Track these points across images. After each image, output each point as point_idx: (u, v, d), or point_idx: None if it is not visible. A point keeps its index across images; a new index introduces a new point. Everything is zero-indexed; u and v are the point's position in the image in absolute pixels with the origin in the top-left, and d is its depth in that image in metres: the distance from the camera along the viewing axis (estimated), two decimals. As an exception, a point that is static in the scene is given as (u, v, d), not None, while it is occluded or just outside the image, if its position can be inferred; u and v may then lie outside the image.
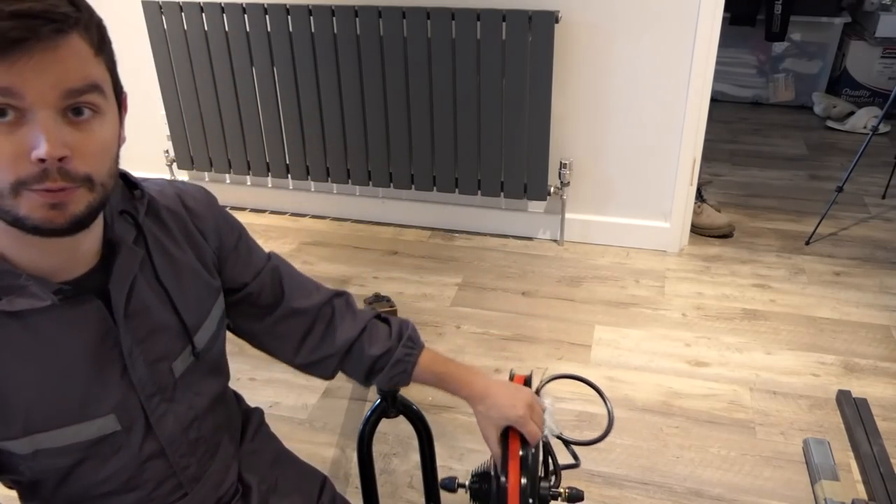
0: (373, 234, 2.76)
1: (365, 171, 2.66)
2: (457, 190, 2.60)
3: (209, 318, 0.88)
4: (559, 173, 2.50)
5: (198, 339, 0.86)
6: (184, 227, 0.87)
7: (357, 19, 2.40)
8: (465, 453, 1.73)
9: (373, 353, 0.96)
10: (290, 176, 2.76)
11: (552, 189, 2.54)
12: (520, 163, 2.49)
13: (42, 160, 0.62)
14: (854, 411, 1.78)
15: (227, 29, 2.54)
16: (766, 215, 2.80)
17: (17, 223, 0.65)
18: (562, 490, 0.92)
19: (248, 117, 2.69)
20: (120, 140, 0.72)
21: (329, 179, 2.73)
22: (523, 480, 0.86)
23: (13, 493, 0.82)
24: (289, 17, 2.46)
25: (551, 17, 2.23)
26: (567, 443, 0.97)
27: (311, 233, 2.78)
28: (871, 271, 2.41)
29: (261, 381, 1.96)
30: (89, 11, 0.66)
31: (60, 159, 0.63)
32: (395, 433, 1.78)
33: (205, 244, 0.88)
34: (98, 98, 0.66)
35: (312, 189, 2.87)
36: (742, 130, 3.65)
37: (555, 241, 2.67)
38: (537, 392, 0.99)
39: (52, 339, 0.73)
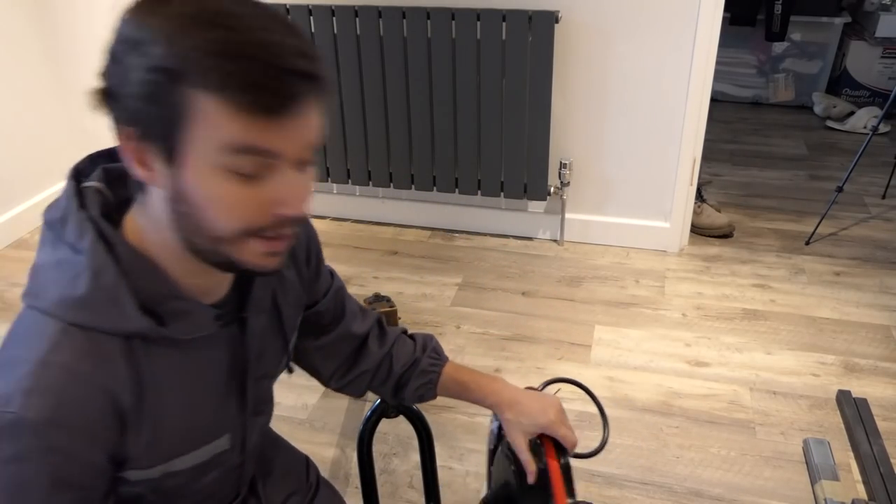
0: (373, 234, 2.76)
1: (365, 171, 2.66)
2: (457, 190, 2.60)
3: (294, 334, 0.89)
4: (559, 173, 2.50)
5: (288, 354, 0.88)
6: (293, 250, 0.86)
7: (357, 19, 2.40)
8: (465, 453, 1.73)
9: (399, 367, 0.97)
10: (290, 176, 2.76)
11: (552, 189, 2.54)
12: (520, 163, 2.49)
13: (288, 216, 0.61)
14: (854, 411, 1.78)
15: (227, 29, 2.54)
16: (766, 215, 2.80)
17: (225, 265, 0.64)
18: None
19: (248, 117, 2.68)
20: None
21: (329, 179, 2.73)
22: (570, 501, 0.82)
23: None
24: (288, 17, 2.46)
25: (551, 17, 2.23)
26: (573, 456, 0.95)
27: (311, 233, 2.78)
28: (871, 271, 2.41)
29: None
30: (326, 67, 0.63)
31: None
32: (395, 433, 1.78)
33: (303, 260, 0.88)
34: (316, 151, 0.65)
35: (313, 189, 2.87)
36: (742, 130, 3.65)
37: (555, 241, 2.67)
38: None
39: (199, 365, 0.72)
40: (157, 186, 0.61)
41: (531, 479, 0.85)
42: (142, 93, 0.56)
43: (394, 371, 0.97)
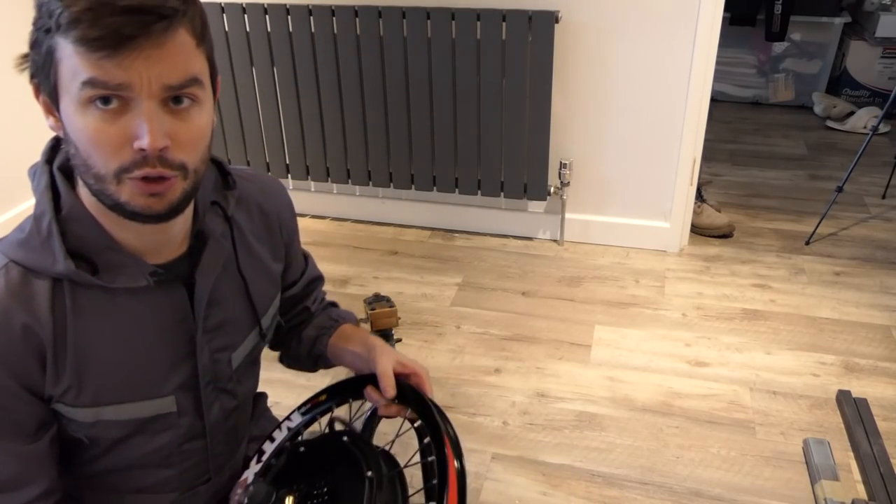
0: (373, 234, 2.76)
1: (365, 171, 2.66)
2: (457, 190, 2.60)
3: (270, 309, 0.93)
4: (559, 173, 2.50)
5: (264, 320, 0.91)
6: (267, 224, 0.90)
7: (357, 19, 2.40)
8: (465, 453, 1.72)
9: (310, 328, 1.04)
10: (290, 176, 2.76)
11: (552, 189, 2.54)
12: (520, 163, 2.49)
13: (143, 150, 0.64)
14: (854, 411, 1.78)
15: (227, 29, 2.54)
16: (766, 215, 2.80)
17: (117, 208, 0.68)
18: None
19: (248, 118, 2.69)
20: (213, 125, 0.73)
21: (329, 179, 2.73)
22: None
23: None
24: (289, 17, 2.46)
25: (551, 17, 2.23)
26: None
27: (311, 233, 2.78)
28: (871, 271, 2.41)
29: (261, 380, 1.96)
30: (194, 1, 0.67)
31: (161, 148, 0.64)
32: (395, 433, 1.77)
33: (280, 243, 0.93)
34: (197, 90, 0.67)
35: (312, 189, 2.87)
36: (742, 130, 3.65)
37: (555, 241, 2.67)
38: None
39: (135, 318, 0.76)
40: (61, 133, 0.68)
41: (391, 393, 0.86)
42: (33, 45, 0.66)
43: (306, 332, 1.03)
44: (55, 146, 0.75)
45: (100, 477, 0.83)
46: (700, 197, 2.66)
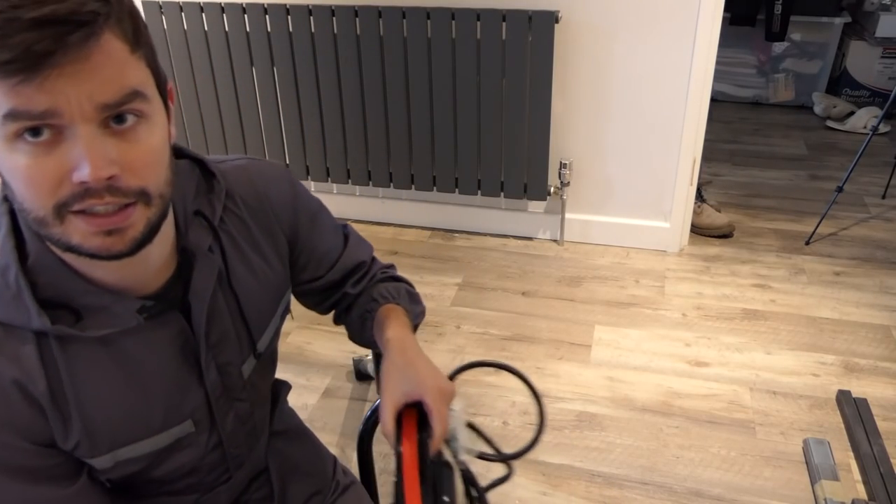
0: (373, 234, 2.76)
1: (365, 171, 2.66)
2: (457, 190, 2.60)
3: (273, 317, 0.86)
4: (559, 173, 2.50)
5: (261, 341, 0.84)
6: (260, 219, 0.82)
7: (357, 19, 2.40)
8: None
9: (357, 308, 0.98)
10: (290, 176, 2.76)
11: (552, 189, 2.54)
12: (520, 163, 2.49)
13: (84, 182, 0.55)
14: (854, 411, 1.78)
15: (227, 29, 2.54)
16: (766, 215, 2.80)
17: (72, 251, 0.60)
18: None
19: (248, 117, 2.69)
20: (170, 139, 0.64)
21: (329, 179, 2.73)
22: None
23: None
24: (289, 17, 2.46)
25: (551, 17, 2.23)
26: (490, 459, 0.85)
27: (311, 233, 2.78)
28: (871, 271, 2.41)
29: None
30: (120, 0, 0.56)
31: (108, 178, 0.56)
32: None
33: (281, 237, 0.85)
34: (141, 104, 0.58)
35: (312, 189, 2.87)
36: (742, 130, 3.65)
37: (555, 241, 2.67)
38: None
39: (134, 358, 0.70)
40: None
41: (398, 448, 0.76)
42: None
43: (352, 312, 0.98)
44: None
45: (119, 492, 0.80)
46: (700, 197, 2.66)
